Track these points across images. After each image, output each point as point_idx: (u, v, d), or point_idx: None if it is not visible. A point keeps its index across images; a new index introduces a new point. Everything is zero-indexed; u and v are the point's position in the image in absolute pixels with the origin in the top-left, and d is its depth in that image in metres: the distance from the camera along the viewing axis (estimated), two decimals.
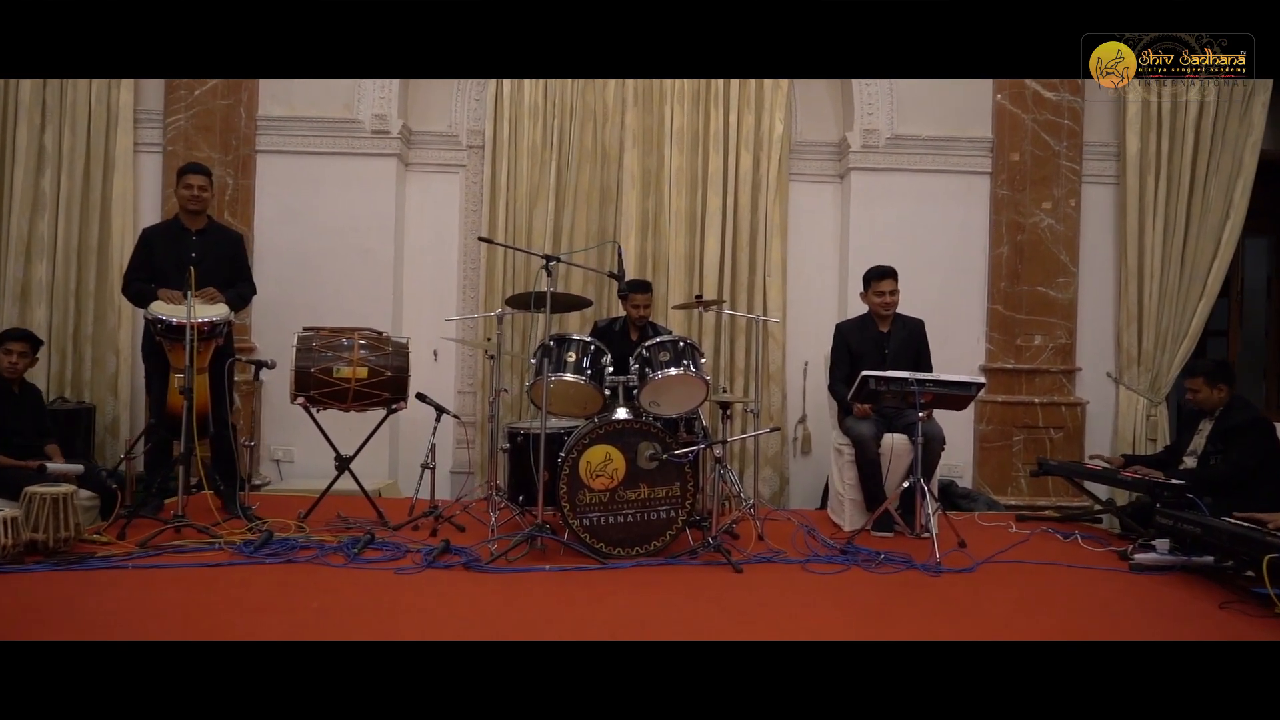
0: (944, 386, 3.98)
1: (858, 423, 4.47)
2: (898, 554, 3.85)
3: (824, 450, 5.92)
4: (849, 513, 4.55)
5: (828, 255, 6.03)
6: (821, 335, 5.71)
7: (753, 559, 3.81)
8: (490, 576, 3.46)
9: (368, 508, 4.43)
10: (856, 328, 4.74)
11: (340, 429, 4.58)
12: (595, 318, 5.46)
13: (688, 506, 3.83)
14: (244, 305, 4.65)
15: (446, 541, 3.75)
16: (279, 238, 5.73)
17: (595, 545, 3.76)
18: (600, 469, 3.79)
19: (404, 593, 3.25)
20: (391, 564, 3.59)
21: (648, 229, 5.90)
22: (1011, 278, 5.78)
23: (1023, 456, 5.74)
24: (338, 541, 3.84)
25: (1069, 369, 5.80)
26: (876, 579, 3.58)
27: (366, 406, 4.40)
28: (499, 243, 4.00)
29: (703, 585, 3.45)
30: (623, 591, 3.37)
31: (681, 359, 3.96)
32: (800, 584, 3.52)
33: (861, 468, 4.44)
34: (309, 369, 4.23)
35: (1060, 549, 4.22)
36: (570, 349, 4.01)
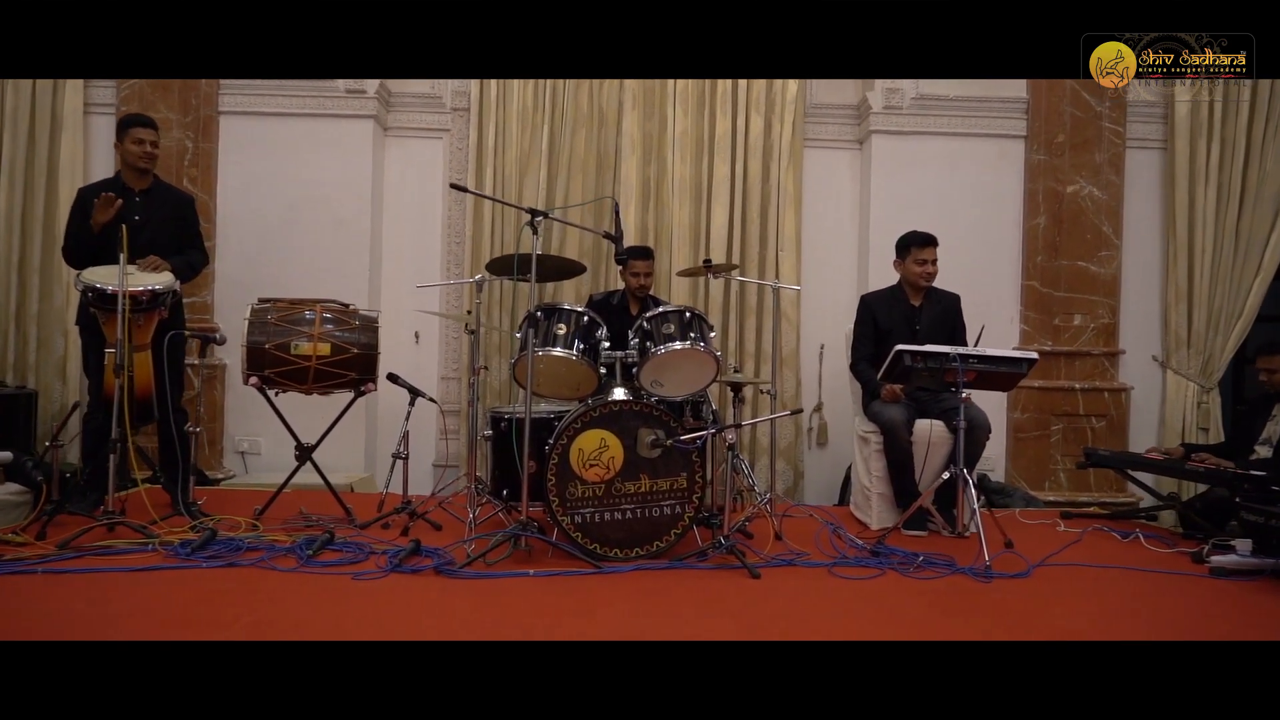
0: (990, 363, 3.46)
1: (886, 407, 3.95)
2: (938, 556, 3.34)
3: (842, 441, 5.43)
4: (876, 509, 4.03)
5: (845, 228, 5.53)
6: (839, 315, 5.26)
7: (771, 561, 3.30)
8: (464, 583, 2.95)
9: (336, 504, 3.92)
10: (885, 300, 4.22)
11: (312, 417, 4.05)
12: (591, 290, 4.95)
13: (695, 501, 3.32)
14: (193, 275, 4.12)
15: (416, 542, 3.23)
16: (244, 207, 5.22)
17: (588, 546, 3.25)
18: (594, 458, 3.28)
19: (359, 602, 2.74)
20: (350, 568, 3.08)
21: (649, 199, 5.39)
22: (1049, 251, 5.27)
23: (1061, 448, 5.23)
24: (292, 542, 3.33)
25: (1111, 351, 5.29)
26: (917, 585, 3.07)
27: (330, 389, 3.88)
28: (476, 192, 3.49)
29: (714, 593, 2.93)
30: (619, 600, 2.86)
31: (688, 331, 3.45)
32: (828, 591, 3.01)
33: (892, 458, 3.92)
34: (263, 345, 3.71)
35: (1120, 550, 3.70)
36: (560, 321, 3.49)
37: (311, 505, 4.09)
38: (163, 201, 4.07)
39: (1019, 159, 5.31)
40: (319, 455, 4.00)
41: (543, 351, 3.41)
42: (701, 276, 4.83)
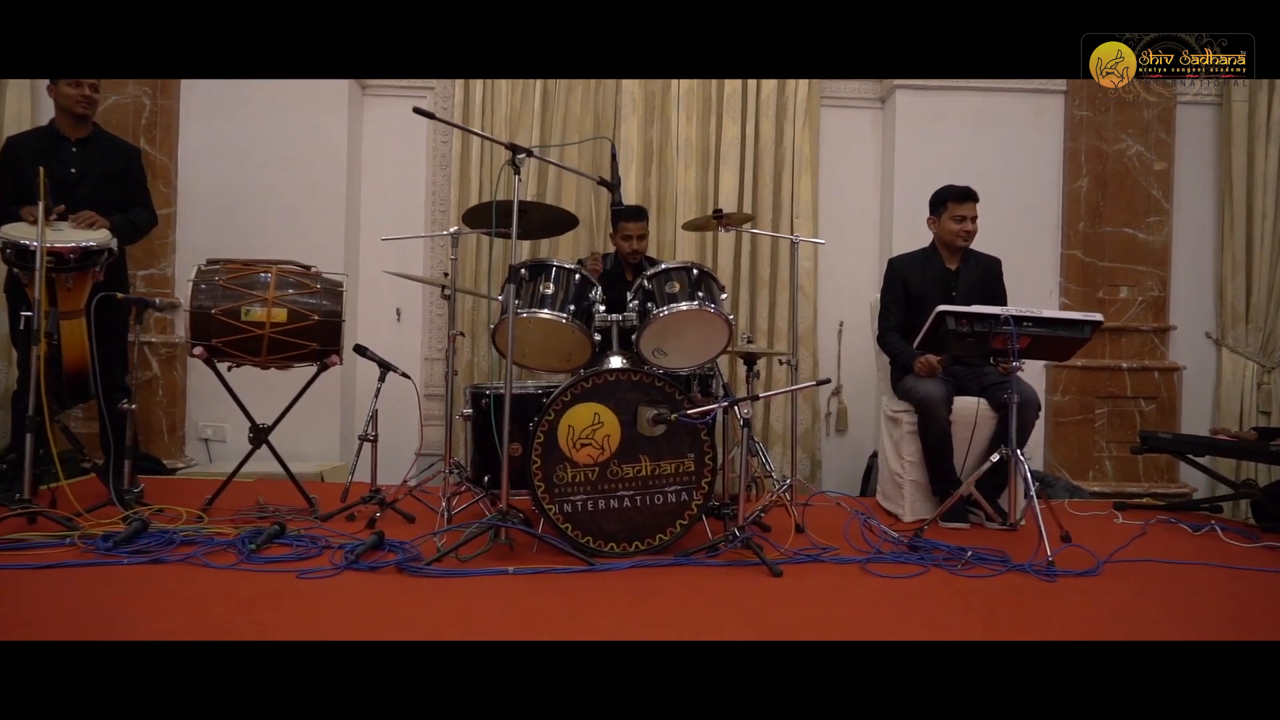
0: (1048, 327, 2.97)
1: (922, 382, 3.47)
2: (989, 551, 2.86)
3: (863, 427, 4.97)
4: (910, 498, 3.55)
5: (867, 194, 5.05)
6: (860, 289, 4.82)
7: (794, 557, 2.82)
8: (429, 582, 2.48)
9: (300, 494, 3.46)
10: (917, 263, 3.74)
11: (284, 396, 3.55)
12: (585, 252, 4.49)
13: (704, 487, 2.85)
14: (137, 236, 3.66)
15: (379, 535, 2.77)
16: (207, 171, 4.76)
17: (579, 539, 2.79)
18: (587, 436, 2.81)
19: (299, 606, 2.27)
20: (298, 564, 2.62)
21: (650, 162, 4.92)
22: (1092, 217, 4.79)
23: (1106, 433, 4.75)
24: (237, 535, 2.86)
25: (1161, 327, 4.80)
26: (968, 585, 2.59)
27: (288, 361, 3.41)
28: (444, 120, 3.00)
29: (727, 594, 2.46)
30: (615, 602, 2.40)
31: (696, 291, 2.98)
32: (863, 592, 2.54)
33: (928, 440, 3.44)
34: (209, 310, 3.25)
35: (1196, 544, 3.22)
36: (548, 279, 3.02)
37: (273, 495, 3.64)
38: (103, 153, 3.62)
39: (1058, 115, 4.83)
40: (288, 442, 3.55)
41: (527, 314, 2.94)
42: (710, 233, 4.38)
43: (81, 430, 4.10)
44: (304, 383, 3.47)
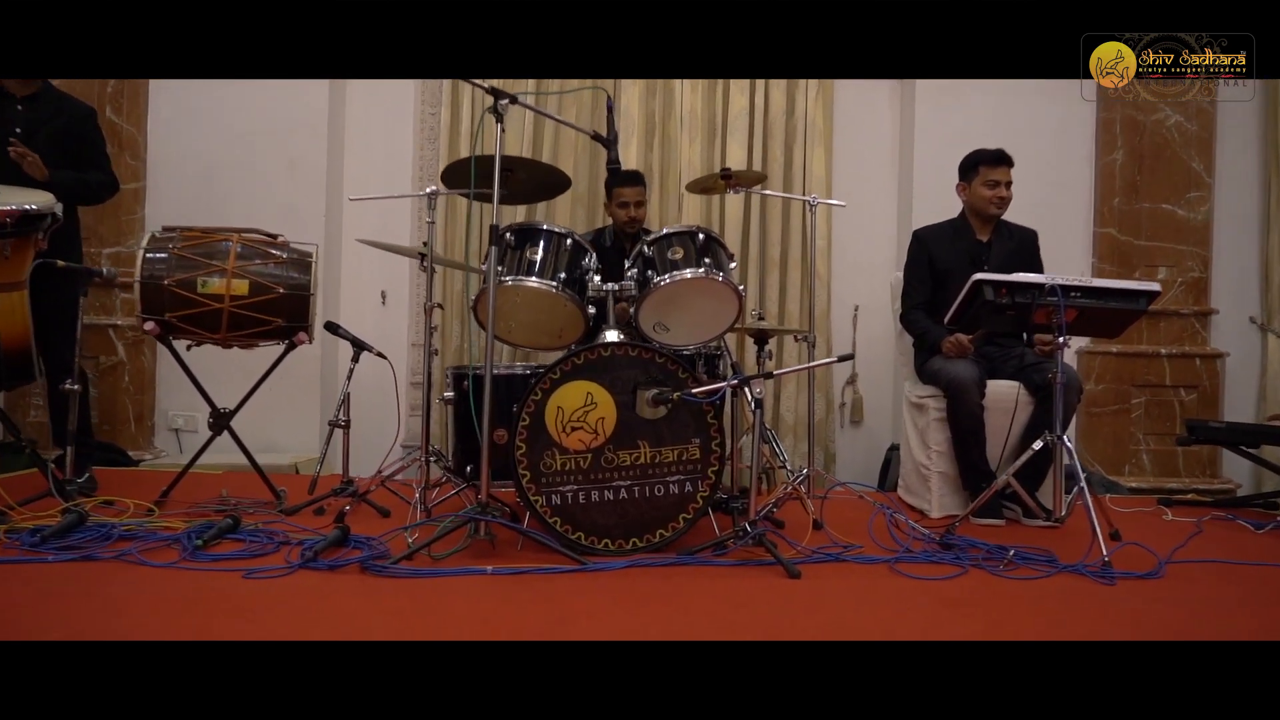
0: (1099, 298, 2.63)
1: (952, 363, 3.14)
2: (1034, 549, 2.53)
3: (879, 419, 4.66)
4: (937, 492, 3.23)
5: (884, 169, 4.73)
6: (876, 272, 4.51)
7: (812, 556, 2.50)
8: (395, 583, 2.16)
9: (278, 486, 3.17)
10: (944, 235, 3.41)
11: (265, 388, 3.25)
12: (583, 225, 4.18)
13: (711, 477, 2.52)
14: (93, 199, 3.35)
15: (343, 529, 2.45)
16: (179, 144, 4.45)
17: (569, 535, 2.46)
18: (578, 419, 2.49)
19: (237, 609, 1.95)
20: (248, 562, 2.30)
21: (652, 135, 4.60)
22: (1127, 193, 4.46)
23: (1144, 425, 4.42)
24: (188, 528, 2.55)
25: (1203, 311, 4.47)
26: (1016, 589, 2.26)
27: (252, 339, 3.09)
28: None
29: (738, 597, 2.14)
30: (607, 606, 2.07)
31: (701, 257, 2.65)
32: (894, 594, 2.21)
33: (959, 426, 3.11)
34: (161, 281, 2.92)
35: (1263, 543, 2.90)
36: (536, 244, 2.70)
37: (240, 489, 3.33)
38: (53, 111, 3.31)
39: (1091, 83, 4.48)
40: (261, 432, 3.26)
41: (512, 282, 2.62)
42: (716, 209, 4.07)
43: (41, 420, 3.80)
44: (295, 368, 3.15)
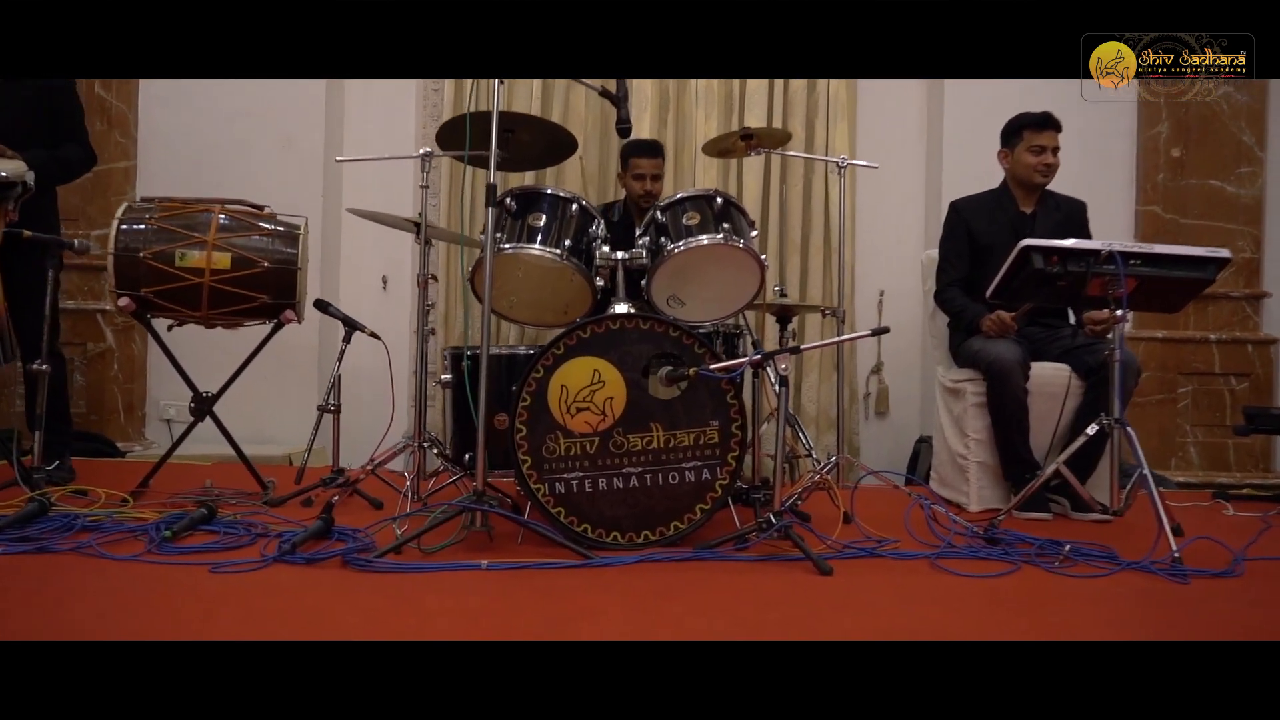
0: (1162, 265, 2.37)
1: (993, 343, 2.88)
2: (1091, 545, 2.28)
3: (906, 410, 4.43)
4: (976, 484, 2.97)
5: (911, 145, 4.48)
6: (903, 255, 4.30)
7: (844, 551, 2.25)
8: (379, 579, 1.93)
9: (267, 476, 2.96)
10: (984, 206, 3.15)
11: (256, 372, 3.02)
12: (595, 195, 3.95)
13: (731, 464, 2.28)
14: (69, 177, 3.14)
15: (325, 520, 2.23)
16: (171, 121, 4.25)
17: (574, 527, 2.23)
18: (584, 399, 2.26)
19: (196, 605, 1.73)
20: (219, 555, 2.08)
21: (666, 111, 4.37)
22: (1173, 168, 4.20)
23: (1191, 415, 4.15)
24: (159, 519, 2.34)
25: (1255, 294, 4.20)
26: (1076, 587, 2.01)
27: (235, 317, 2.87)
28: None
29: (763, 596, 1.90)
30: (614, 607, 1.84)
31: (720, 222, 2.41)
32: (939, 593, 1.96)
33: (999, 412, 2.86)
34: (136, 254, 2.71)
35: None
36: (540, 209, 2.47)
37: (226, 479, 3.12)
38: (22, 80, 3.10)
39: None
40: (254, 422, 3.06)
41: (513, 249, 2.39)
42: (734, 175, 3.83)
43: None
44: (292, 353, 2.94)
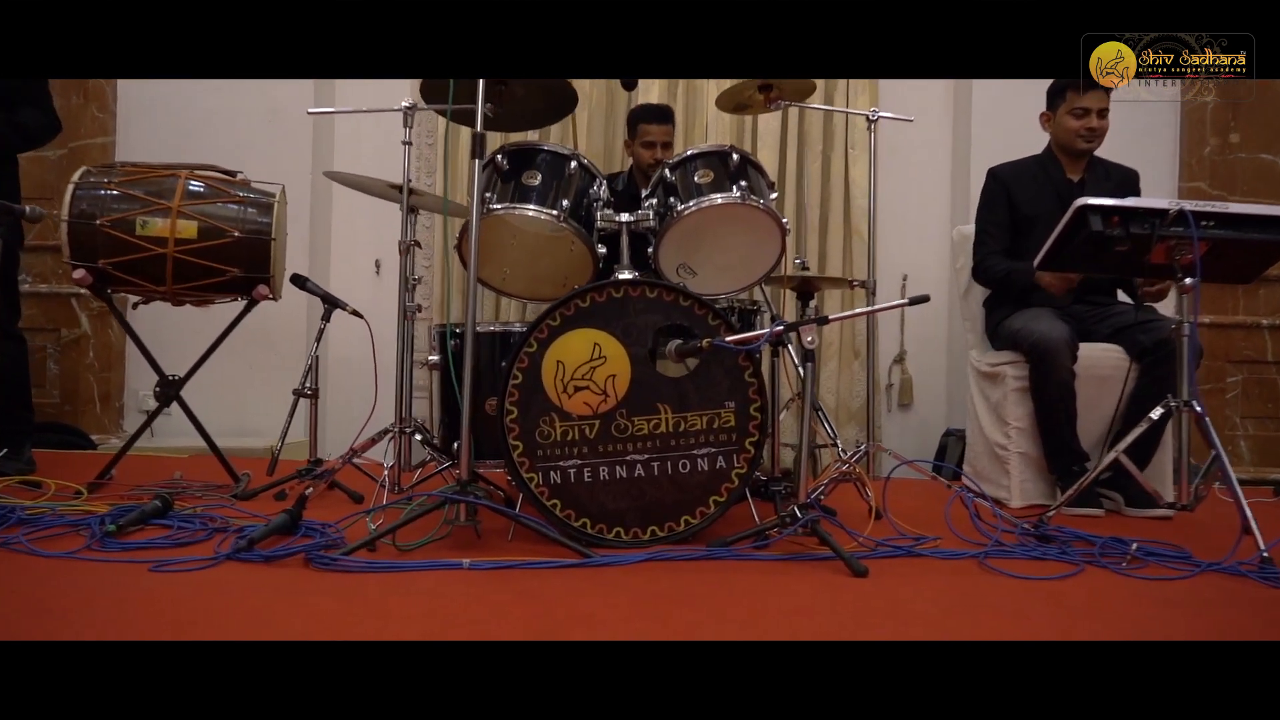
0: (1238, 227, 2.09)
1: (1039, 320, 2.61)
2: (1162, 544, 2.01)
3: (931, 402, 4.18)
4: (1018, 476, 2.69)
5: (937, 118, 4.21)
6: (927, 236, 4.04)
7: (877, 550, 1.98)
8: (342, 579, 1.68)
9: (246, 469, 2.74)
10: (1027, 173, 2.87)
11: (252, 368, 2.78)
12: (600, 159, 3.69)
13: (750, 450, 2.02)
14: (25, 143, 2.87)
15: (289, 514, 1.96)
16: (152, 93, 4.02)
17: (571, 521, 1.97)
18: (582, 376, 1.99)
19: (126, 608, 1.47)
20: (168, 552, 1.83)
21: (676, 83, 4.12)
22: (1220, 139, 3.94)
23: (1240, 407, 3.87)
24: (108, 512, 2.09)
25: None
26: (1150, 590, 1.74)
27: (204, 292, 2.62)
28: None
29: (790, 600, 1.64)
30: (614, 611, 1.57)
31: (736, 179, 2.15)
32: (992, 596, 1.69)
33: (1045, 396, 2.58)
34: (93, 221, 2.46)
35: None
36: (534, 167, 2.21)
37: (198, 472, 2.88)
38: None
39: None
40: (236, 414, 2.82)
41: (504, 210, 2.13)
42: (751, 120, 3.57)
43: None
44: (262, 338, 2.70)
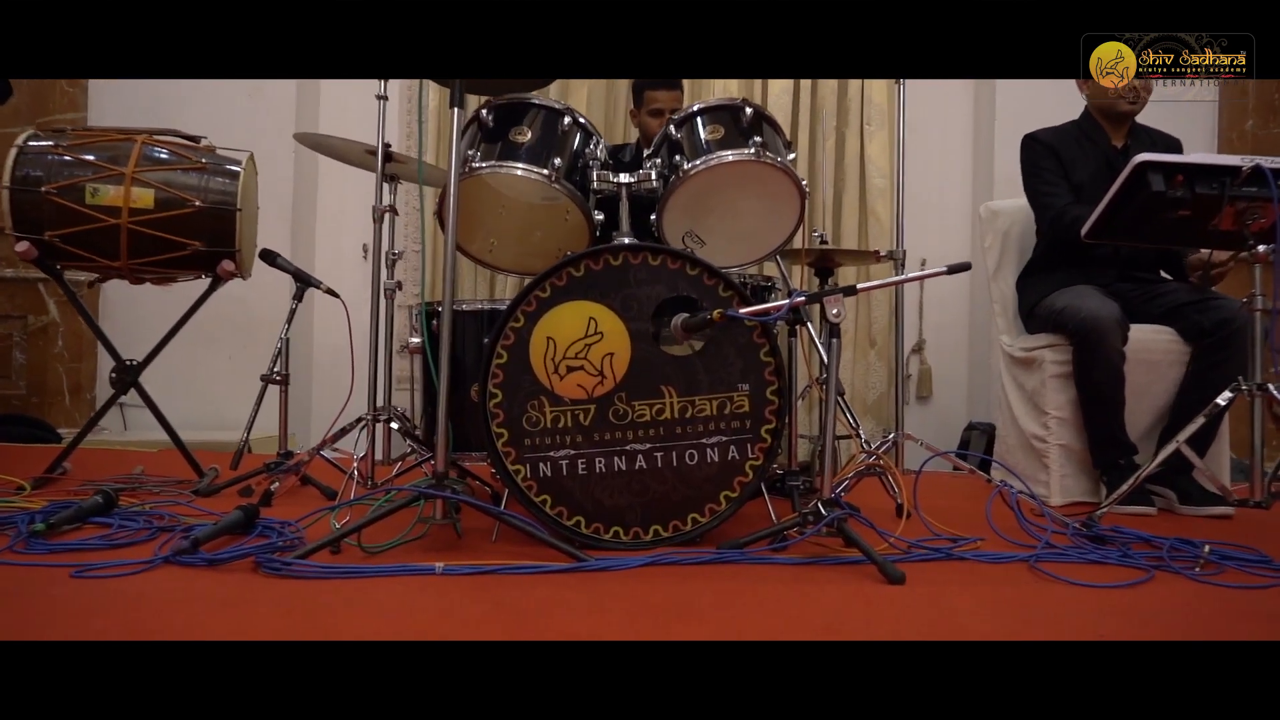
0: None
1: (1086, 298, 2.36)
2: (1234, 546, 1.76)
3: (951, 393, 3.98)
4: (1058, 470, 2.45)
5: (959, 97, 4.01)
6: (947, 219, 3.82)
7: (911, 553, 1.74)
8: (293, 586, 1.44)
9: (215, 462, 2.52)
10: (1069, 138, 2.62)
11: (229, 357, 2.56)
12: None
13: (767, 439, 1.78)
14: None
15: (244, 511, 1.73)
16: None
17: (562, 520, 1.73)
18: (575, 354, 1.75)
19: (26, 623, 1.24)
20: (99, 555, 1.59)
21: None
22: (1264, 114, 3.76)
23: None
24: (42, 508, 1.86)
25: None
26: (1239, 600, 1.50)
27: (163, 268, 2.39)
28: None
29: (816, 613, 1.40)
30: (607, 625, 1.33)
31: (750, 135, 1.91)
32: (1057, 608, 1.45)
33: (1090, 382, 2.34)
34: (38, 188, 2.23)
35: None
36: (523, 123, 1.97)
37: (163, 467, 2.66)
38: None
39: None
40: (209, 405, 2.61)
41: (489, 169, 1.90)
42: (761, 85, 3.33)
43: None
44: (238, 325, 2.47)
